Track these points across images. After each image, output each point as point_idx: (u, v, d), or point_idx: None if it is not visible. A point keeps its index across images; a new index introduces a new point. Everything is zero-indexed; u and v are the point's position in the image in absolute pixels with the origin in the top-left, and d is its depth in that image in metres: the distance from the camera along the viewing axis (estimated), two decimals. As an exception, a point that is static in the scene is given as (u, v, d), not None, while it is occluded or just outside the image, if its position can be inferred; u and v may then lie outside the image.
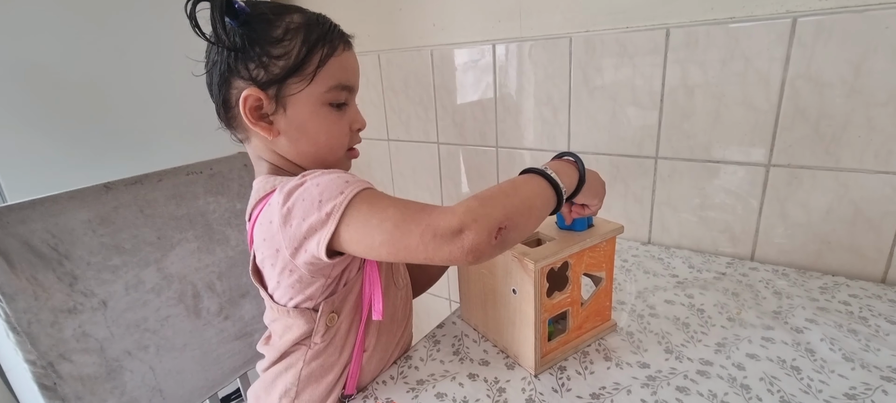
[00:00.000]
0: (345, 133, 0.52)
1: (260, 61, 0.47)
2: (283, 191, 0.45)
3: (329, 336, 0.52)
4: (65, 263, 0.68)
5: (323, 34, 0.48)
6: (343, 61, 0.50)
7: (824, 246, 0.71)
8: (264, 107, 0.48)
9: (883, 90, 0.62)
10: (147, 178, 0.78)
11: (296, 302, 0.50)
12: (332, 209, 0.42)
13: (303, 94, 0.48)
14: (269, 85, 0.47)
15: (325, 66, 0.48)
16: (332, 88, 0.49)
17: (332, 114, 0.50)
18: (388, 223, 0.41)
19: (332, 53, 0.49)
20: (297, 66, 0.47)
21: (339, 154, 0.53)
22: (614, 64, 0.80)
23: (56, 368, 0.66)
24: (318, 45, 0.48)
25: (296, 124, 0.49)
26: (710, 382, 0.50)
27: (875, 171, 0.65)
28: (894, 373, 0.49)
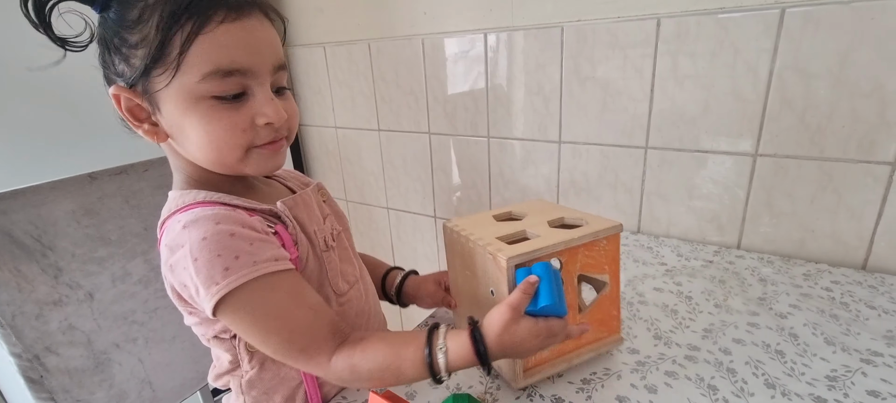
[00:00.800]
0: (238, 130, 0.41)
1: (120, 52, 0.39)
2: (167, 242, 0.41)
3: (258, 361, 0.47)
4: (49, 255, 0.67)
5: (182, 6, 0.37)
6: (219, 38, 0.38)
7: (808, 235, 0.73)
8: (143, 107, 0.41)
9: (867, 81, 0.63)
10: (132, 168, 0.76)
11: (208, 335, 0.47)
12: (207, 295, 0.38)
13: (171, 88, 0.39)
14: (134, 80, 0.39)
15: (193, 46, 0.37)
16: (207, 76, 0.38)
17: (217, 108, 0.40)
18: (269, 348, 0.41)
19: (201, 29, 0.37)
20: (157, 55, 0.37)
21: (234, 156, 0.42)
22: (605, 54, 0.80)
23: (42, 361, 0.65)
24: (177, 21, 0.37)
25: (175, 125, 0.41)
26: (697, 366, 0.51)
27: (858, 161, 0.66)
28: (873, 356, 0.51)
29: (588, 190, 0.90)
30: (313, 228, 0.49)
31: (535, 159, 0.94)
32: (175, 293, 0.44)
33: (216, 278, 0.38)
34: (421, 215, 1.18)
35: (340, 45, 1.13)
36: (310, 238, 0.48)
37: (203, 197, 0.43)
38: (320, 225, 0.50)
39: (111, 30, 0.39)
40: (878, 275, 0.67)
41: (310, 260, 0.47)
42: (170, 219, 0.43)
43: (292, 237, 0.46)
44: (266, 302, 0.39)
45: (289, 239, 0.45)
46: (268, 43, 0.42)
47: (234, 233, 0.39)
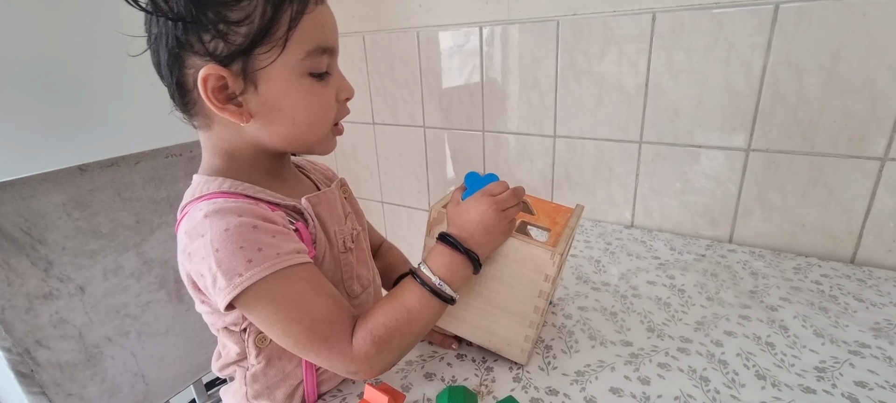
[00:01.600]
0: (330, 106, 0.44)
1: (216, 30, 0.38)
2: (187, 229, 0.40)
3: (265, 357, 0.47)
4: (39, 248, 0.66)
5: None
6: (318, 18, 0.41)
7: (798, 229, 0.74)
8: (230, 87, 0.40)
9: (858, 76, 0.64)
10: (124, 160, 0.75)
11: (218, 325, 0.46)
12: (228, 287, 0.37)
13: (275, 66, 0.40)
14: (232, 59, 0.39)
15: (299, 26, 0.39)
16: (310, 53, 0.41)
17: (314, 85, 0.42)
18: (290, 338, 0.40)
19: (305, 9, 0.40)
20: (264, 31, 0.38)
21: (322, 132, 0.45)
22: (601, 48, 0.80)
23: (32, 355, 0.65)
24: (285, 1, 0.39)
25: (270, 103, 0.41)
26: (689, 358, 0.52)
27: (848, 156, 0.67)
28: (860, 348, 0.52)
29: (582, 184, 0.91)
30: (334, 228, 0.48)
31: (530, 153, 0.95)
32: (190, 280, 0.43)
33: (239, 269, 0.37)
34: (416, 209, 1.18)
35: (335, 37, 1.12)
36: (329, 238, 0.48)
37: (228, 186, 0.43)
38: (341, 225, 0.50)
39: (204, 6, 0.37)
40: (866, 269, 0.68)
41: (326, 259, 0.47)
42: (191, 205, 0.42)
43: (312, 235, 0.46)
44: (288, 293, 0.39)
45: (308, 237, 0.45)
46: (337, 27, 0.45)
47: (257, 226, 0.39)
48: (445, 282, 0.43)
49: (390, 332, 0.41)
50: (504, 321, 0.50)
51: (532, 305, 0.46)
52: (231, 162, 0.45)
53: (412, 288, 0.43)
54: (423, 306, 0.43)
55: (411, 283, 0.44)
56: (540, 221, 0.51)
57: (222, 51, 0.38)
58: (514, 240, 0.46)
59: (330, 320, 0.41)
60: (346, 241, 0.50)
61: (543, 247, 0.44)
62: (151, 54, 0.42)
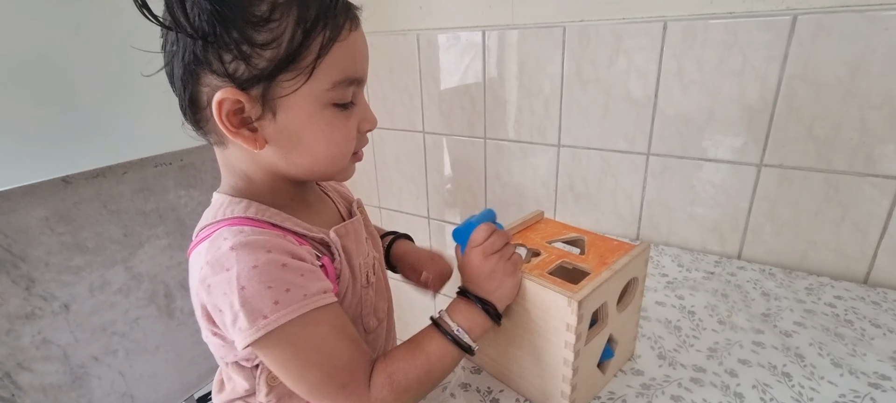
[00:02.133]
0: (350, 138, 0.41)
1: (239, 51, 0.35)
2: (208, 259, 0.37)
3: (276, 396, 0.44)
4: (20, 265, 0.63)
5: (323, 10, 0.36)
6: (350, 47, 0.38)
7: (810, 247, 0.72)
8: (246, 111, 0.37)
9: (878, 92, 0.61)
10: (110, 171, 0.72)
11: (228, 359, 0.44)
12: (251, 329, 0.35)
13: (298, 95, 0.37)
14: (251, 83, 0.36)
15: (328, 54, 0.36)
16: (337, 84, 0.38)
17: (337, 116, 0.39)
18: (305, 384, 0.38)
19: (337, 37, 0.37)
20: (289, 58, 0.35)
21: (341, 163, 0.43)
22: (609, 56, 0.77)
23: (13, 378, 0.62)
24: (317, 26, 0.36)
25: (288, 132, 0.38)
26: (704, 390, 0.50)
27: (865, 174, 0.65)
28: (881, 380, 0.50)
29: (587, 195, 0.88)
30: (359, 262, 0.47)
31: (534, 162, 0.92)
32: (205, 312, 0.40)
33: (264, 311, 0.35)
34: (414, 215, 1.15)
35: (331, 38, 1.08)
36: (353, 272, 0.46)
37: (253, 211, 0.40)
38: (365, 258, 0.48)
39: (228, 24, 0.34)
40: (880, 291, 0.66)
41: (348, 295, 0.45)
42: (214, 229, 0.39)
43: (336, 271, 0.44)
44: (311, 337, 0.37)
45: (333, 273, 0.43)
46: (368, 54, 0.42)
47: (286, 264, 0.37)
48: (464, 330, 0.42)
49: (409, 380, 0.40)
50: (539, 371, 0.47)
51: (561, 357, 0.44)
52: (251, 184, 0.42)
53: (433, 336, 0.43)
54: (443, 354, 0.42)
55: (432, 331, 0.43)
56: (586, 262, 0.47)
57: (242, 74, 0.35)
58: (532, 284, 0.44)
59: (350, 365, 0.39)
60: (369, 275, 0.48)
61: (560, 292, 0.41)
62: (165, 64, 0.38)
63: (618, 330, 0.50)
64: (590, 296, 0.41)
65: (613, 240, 0.52)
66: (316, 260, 0.41)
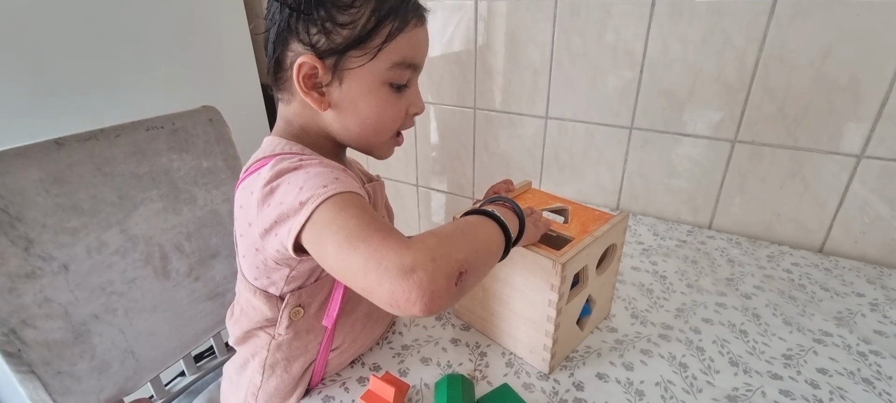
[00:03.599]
0: (398, 116, 0.48)
1: (323, 26, 0.42)
2: (274, 169, 0.41)
3: (293, 330, 0.49)
4: (17, 226, 0.64)
5: (397, 5, 0.44)
6: (413, 38, 0.45)
7: (774, 218, 0.77)
8: (319, 77, 0.44)
9: (845, 75, 0.65)
10: (102, 134, 0.71)
11: (259, 284, 0.48)
12: (309, 199, 0.37)
13: (362, 70, 0.44)
14: (328, 54, 0.43)
15: (394, 41, 0.44)
16: (395, 65, 0.45)
17: (391, 95, 0.46)
18: (343, 233, 0.35)
19: (403, 29, 0.44)
20: (361, 38, 0.43)
21: (385, 137, 0.49)
22: (598, 31, 0.79)
23: (19, 334, 0.64)
24: (388, 17, 0.43)
25: (349, 100, 0.46)
26: (670, 345, 0.55)
27: (827, 152, 0.70)
28: (824, 336, 0.56)
29: (571, 166, 0.92)
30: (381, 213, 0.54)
31: (521, 133, 0.95)
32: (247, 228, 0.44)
33: (326, 182, 0.39)
34: (403, 182, 1.18)
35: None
36: None
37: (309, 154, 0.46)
38: (384, 214, 0.56)
39: (318, 3, 0.42)
40: (833, 259, 0.73)
41: None
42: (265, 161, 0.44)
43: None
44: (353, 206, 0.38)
45: None
46: (428, 47, 0.49)
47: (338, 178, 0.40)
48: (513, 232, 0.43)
49: (452, 232, 0.38)
50: (524, 328, 0.52)
51: (545, 314, 0.48)
52: (304, 135, 0.49)
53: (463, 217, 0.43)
54: (481, 223, 0.41)
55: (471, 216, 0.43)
56: (569, 230, 0.51)
57: (322, 45, 0.43)
58: (519, 248, 0.47)
59: (391, 229, 0.37)
60: None
61: (546, 255, 0.45)
62: (264, 30, 0.46)
63: (596, 291, 0.54)
64: (572, 260, 0.46)
65: (595, 210, 0.56)
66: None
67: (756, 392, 0.49)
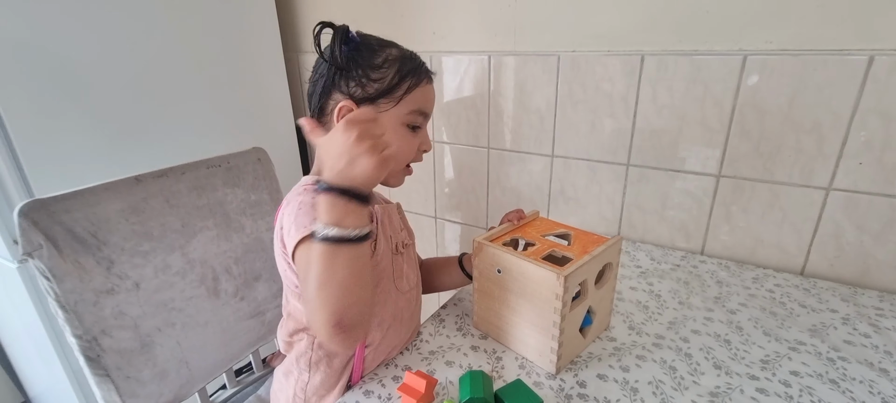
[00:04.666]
0: (412, 151, 0.62)
1: (359, 81, 0.57)
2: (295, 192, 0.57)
3: None
4: (103, 249, 0.75)
5: (414, 68, 0.59)
6: (425, 92, 0.60)
7: (758, 244, 0.86)
8: None
9: (809, 120, 0.76)
10: (172, 171, 0.84)
11: (296, 292, 0.60)
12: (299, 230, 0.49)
13: (389, 113, 0.58)
14: (362, 100, 0.57)
15: (412, 93, 0.58)
16: (412, 112, 0.59)
17: (408, 134, 0.60)
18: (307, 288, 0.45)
19: (418, 84, 0.59)
20: (388, 90, 0.57)
21: (400, 166, 0.63)
22: (596, 82, 0.92)
23: (99, 342, 0.74)
24: (409, 75, 0.58)
25: None
26: (661, 351, 0.64)
27: (800, 185, 0.80)
28: (798, 345, 0.64)
29: (576, 199, 1.02)
30: (390, 233, 0.64)
31: (530, 170, 1.06)
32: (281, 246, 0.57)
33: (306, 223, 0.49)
34: (422, 215, 1.29)
35: (352, 55, 1.21)
36: (387, 240, 0.63)
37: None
38: (397, 233, 0.66)
39: (356, 64, 0.57)
40: (811, 280, 0.81)
41: (386, 253, 0.62)
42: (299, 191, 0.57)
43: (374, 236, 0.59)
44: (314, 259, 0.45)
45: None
46: (435, 101, 0.64)
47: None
48: (333, 225, 0.43)
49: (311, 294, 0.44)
50: (534, 334, 0.61)
51: (551, 321, 0.57)
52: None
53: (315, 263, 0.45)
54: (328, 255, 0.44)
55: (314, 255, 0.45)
56: (571, 251, 0.61)
57: (358, 94, 0.57)
58: (530, 265, 0.57)
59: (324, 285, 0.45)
60: (399, 246, 0.65)
61: (551, 270, 0.55)
62: (309, 85, 0.62)
63: (596, 304, 0.64)
64: (573, 274, 0.55)
65: (594, 235, 0.66)
66: None
67: (736, 390, 0.57)
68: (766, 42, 0.76)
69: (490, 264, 0.63)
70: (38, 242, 0.67)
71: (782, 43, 0.75)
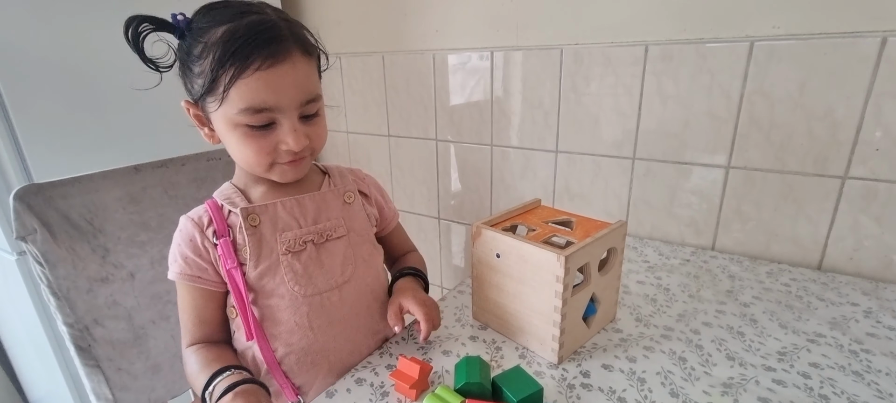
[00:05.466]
0: (264, 153, 0.51)
1: (188, 77, 0.51)
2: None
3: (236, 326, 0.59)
4: (99, 236, 0.74)
5: (232, 52, 0.45)
6: (255, 82, 0.47)
7: (772, 238, 0.83)
8: (203, 118, 0.54)
9: (820, 106, 0.73)
10: (172, 162, 0.84)
11: None
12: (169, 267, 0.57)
13: (217, 114, 0.50)
14: (196, 100, 0.52)
15: (234, 87, 0.47)
16: (242, 111, 0.48)
17: (248, 136, 0.50)
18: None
19: (241, 74, 0.46)
20: (209, 87, 0.48)
21: (260, 170, 0.54)
22: (599, 74, 0.90)
23: (91, 332, 0.73)
24: (224, 64, 0.46)
25: (222, 137, 0.53)
26: (671, 343, 0.60)
27: (814, 174, 0.76)
28: (818, 337, 0.60)
29: (581, 195, 1.00)
30: (278, 234, 0.56)
31: (534, 166, 1.04)
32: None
33: (170, 261, 0.59)
34: (425, 216, 1.27)
35: (356, 55, 1.22)
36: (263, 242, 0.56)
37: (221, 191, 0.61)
38: (295, 229, 0.57)
39: (184, 57, 0.51)
40: (830, 274, 0.77)
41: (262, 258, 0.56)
42: None
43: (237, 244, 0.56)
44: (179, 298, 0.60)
45: (228, 250, 0.55)
46: (297, 83, 0.50)
47: (180, 244, 0.58)
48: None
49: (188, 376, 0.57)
50: (534, 320, 0.58)
51: (552, 305, 0.55)
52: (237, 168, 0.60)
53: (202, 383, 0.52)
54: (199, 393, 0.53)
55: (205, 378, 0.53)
56: (573, 235, 0.59)
57: (193, 91, 0.52)
58: (529, 247, 0.55)
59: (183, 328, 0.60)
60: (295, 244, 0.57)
61: (551, 251, 0.53)
62: None
63: (600, 291, 0.61)
64: (574, 255, 0.53)
65: (597, 221, 0.63)
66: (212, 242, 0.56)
67: (750, 380, 0.53)
68: (773, 27, 0.74)
69: (489, 249, 0.60)
70: (32, 226, 0.67)
71: (790, 28, 0.73)
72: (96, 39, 0.95)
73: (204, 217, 0.57)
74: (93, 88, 0.96)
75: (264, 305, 0.56)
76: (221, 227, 0.56)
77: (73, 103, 0.94)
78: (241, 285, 0.54)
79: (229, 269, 0.55)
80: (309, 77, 0.52)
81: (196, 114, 0.54)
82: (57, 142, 0.93)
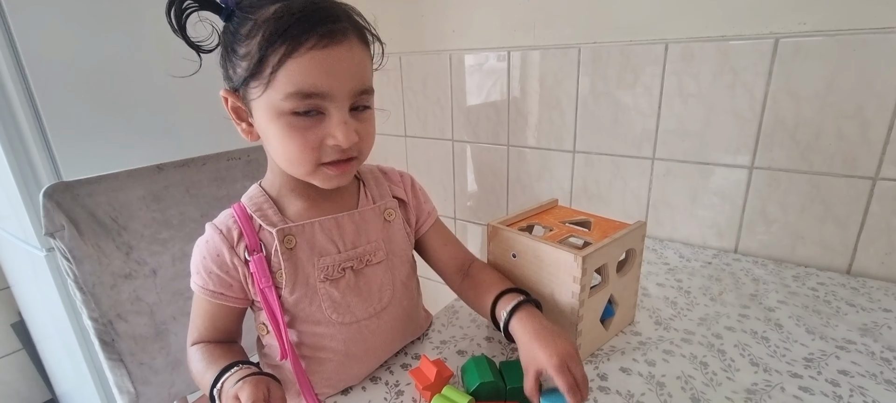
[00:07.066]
0: (308, 148, 0.45)
1: (230, 61, 0.45)
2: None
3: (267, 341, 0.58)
4: (123, 234, 0.76)
5: (284, 30, 0.40)
6: (308, 62, 0.42)
7: (798, 241, 0.80)
8: (243, 109, 0.47)
9: (850, 104, 0.71)
10: (193, 162, 0.86)
11: None
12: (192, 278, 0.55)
13: (261, 101, 0.44)
14: (238, 87, 0.45)
15: (283, 68, 0.41)
16: (289, 95, 0.42)
17: (294, 126, 0.44)
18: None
19: (293, 53, 0.41)
20: (255, 68, 0.42)
21: (303, 170, 0.47)
22: (618, 73, 0.89)
23: (114, 326, 0.74)
24: (274, 43, 0.41)
25: (261, 131, 0.47)
26: (691, 347, 0.59)
27: (843, 175, 0.74)
28: (847, 344, 0.58)
29: (599, 196, 0.98)
30: (315, 259, 0.51)
31: (551, 166, 1.03)
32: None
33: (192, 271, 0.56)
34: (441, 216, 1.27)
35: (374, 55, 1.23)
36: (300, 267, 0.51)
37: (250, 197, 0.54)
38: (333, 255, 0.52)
39: (229, 39, 0.45)
40: (860, 279, 0.74)
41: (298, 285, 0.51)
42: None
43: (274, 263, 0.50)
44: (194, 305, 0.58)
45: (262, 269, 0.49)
46: (351, 70, 0.44)
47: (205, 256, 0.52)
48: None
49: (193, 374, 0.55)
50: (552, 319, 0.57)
51: (569, 306, 0.54)
52: (275, 173, 0.52)
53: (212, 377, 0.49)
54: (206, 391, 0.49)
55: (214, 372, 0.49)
56: (591, 236, 0.58)
57: (234, 78, 0.45)
58: (546, 247, 0.54)
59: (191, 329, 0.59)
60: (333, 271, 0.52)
61: (568, 251, 0.52)
62: None
63: (618, 293, 0.60)
64: (591, 255, 0.52)
65: (615, 221, 0.62)
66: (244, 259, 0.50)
67: (775, 387, 0.51)
68: (800, 23, 0.72)
69: (505, 249, 0.60)
70: (60, 223, 0.69)
71: (816, 24, 0.71)
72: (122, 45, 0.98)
73: (233, 229, 0.50)
74: (119, 91, 0.99)
75: (300, 330, 0.53)
76: (253, 242, 0.50)
77: (100, 105, 0.97)
78: (276, 308, 0.50)
79: (263, 289, 0.50)
80: (364, 66, 0.47)
81: (235, 105, 0.47)
82: (85, 143, 0.96)
